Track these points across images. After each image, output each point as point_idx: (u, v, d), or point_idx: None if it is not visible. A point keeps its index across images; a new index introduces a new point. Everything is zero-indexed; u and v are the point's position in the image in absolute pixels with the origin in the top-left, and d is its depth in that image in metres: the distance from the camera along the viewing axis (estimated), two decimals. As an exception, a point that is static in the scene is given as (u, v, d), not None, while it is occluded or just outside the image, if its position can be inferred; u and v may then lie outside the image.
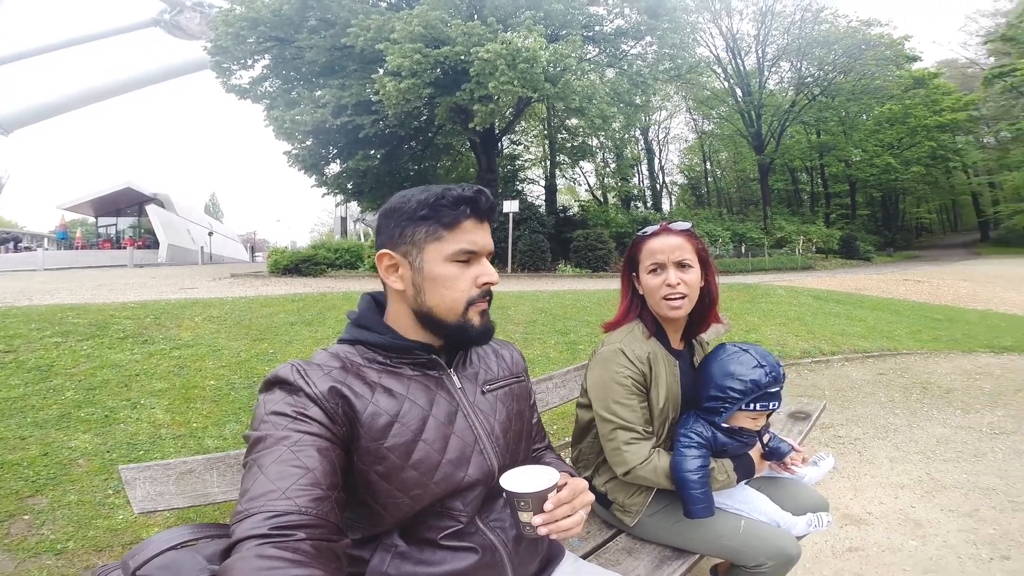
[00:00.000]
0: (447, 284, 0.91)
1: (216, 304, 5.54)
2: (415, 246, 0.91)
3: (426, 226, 0.90)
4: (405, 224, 0.91)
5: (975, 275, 14.86)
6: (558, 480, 0.85)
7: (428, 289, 0.91)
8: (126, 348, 3.85)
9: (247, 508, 0.67)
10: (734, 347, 1.38)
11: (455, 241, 0.90)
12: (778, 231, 25.04)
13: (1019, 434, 3.41)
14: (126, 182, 25.98)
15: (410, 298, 0.92)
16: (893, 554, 2.11)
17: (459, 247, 0.90)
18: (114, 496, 2.24)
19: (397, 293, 0.94)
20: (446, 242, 0.90)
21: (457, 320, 0.92)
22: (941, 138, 31.11)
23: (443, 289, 0.91)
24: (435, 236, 0.90)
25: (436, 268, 0.90)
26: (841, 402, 4.15)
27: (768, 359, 1.33)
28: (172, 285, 9.35)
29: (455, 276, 0.91)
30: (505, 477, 0.86)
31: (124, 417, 2.88)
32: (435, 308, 0.91)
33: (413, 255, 0.91)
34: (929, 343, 6.07)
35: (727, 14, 27.87)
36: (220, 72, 14.66)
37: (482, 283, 0.93)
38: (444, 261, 0.90)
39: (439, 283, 0.90)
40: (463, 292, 0.92)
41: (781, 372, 1.33)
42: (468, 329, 0.93)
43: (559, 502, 0.83)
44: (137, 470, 1.07)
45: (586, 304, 6.81)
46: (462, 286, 0.91)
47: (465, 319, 0.92)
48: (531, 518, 0.82)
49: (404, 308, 0.95)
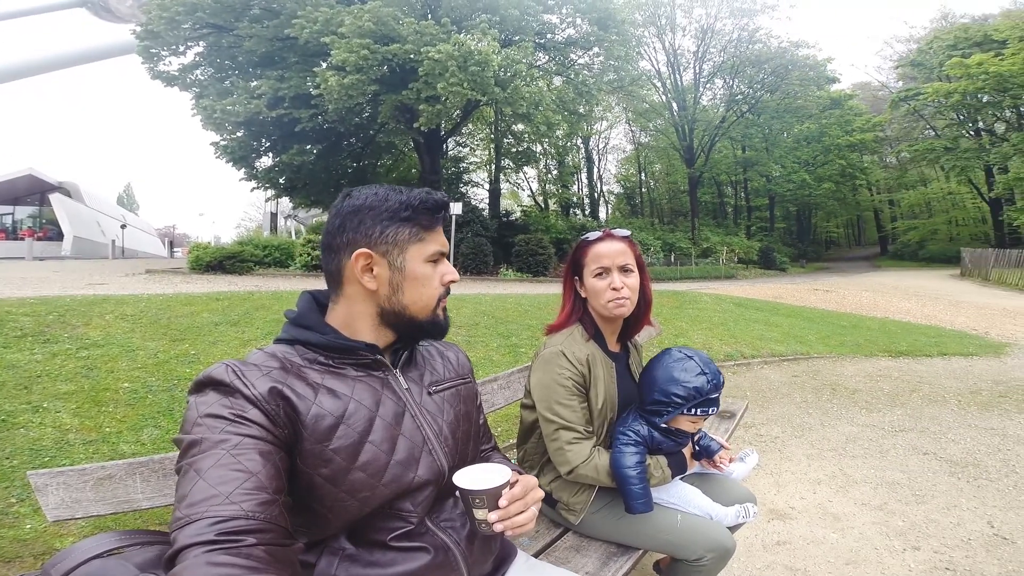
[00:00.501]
0: (424, 283, 0.95)
1: (130, 301, 5.11)
2: (397, 246, 0.92)
3: (409, 227, 0.93)
4: (386, 224, 0.91)
5: (875, 286, 16.36)
6: (511, 477, 0.86)
7: (407, 288, 0.94)
8: (24, 347, 3.47)
9: (188, 514, 0.63)
10: (680, 353, 1.43)
11: (432, 243, 0.96)
12: (704, 241, 26.45)
13: (916, 431, 3.77)
14: (28, 168, 23.54)
15: (383, 297, 0.93)
16: (817, 546, 2.27)
17: (435, 248, 0.96)
18: (18, 504, 2.04)
19: (362, 292, 0.93)
20: (426, 243, 0.95)
21: (429, 316, 0.97)
22: (851, 157, 33.98)
23: (421, 288, 0.95)
24: (417, 237, 0.94)
25: (417, 268, 0.94)
26: (761, 403, 4.43)
27: (711, 367, 1.40)
28: (78, 280, 8.53)
29: (431, 275, 0.96)
30: (458, 475, 0.86)
31: (24, 421, 2.61)
32: (410, 306, 0.94)
33: (394, 255, 0.92)
34: (836, 348, 6.60)
35: (671, 29, 29.29)
36: (147, 57, 13.75)
37: (447, 281, 0.99)
38: (423, 261, 0.95)
39: (419, 282, 0.94)
40: (436, 290, 0.97)
41: (721, 380, 1.40)
42: (438, 323, 0.98)
43: (513, 498, 0.84)
44: (48, 476, 0.99)
45: (527, 308, 6.88)
46: (435, 284, 0.97)
47: (435, 315, 0.98)
48: (486, 515, 0.82)
49: (366, 308, 0.94)
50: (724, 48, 29.11)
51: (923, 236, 34.57)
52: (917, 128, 32.70)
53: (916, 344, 6.94)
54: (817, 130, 32.98)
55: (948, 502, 2.67)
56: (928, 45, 29.59)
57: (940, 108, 28.27)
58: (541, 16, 15.00)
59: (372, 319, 0.94)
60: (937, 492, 2.79)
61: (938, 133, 30.84)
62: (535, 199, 34.02)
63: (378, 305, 0.93)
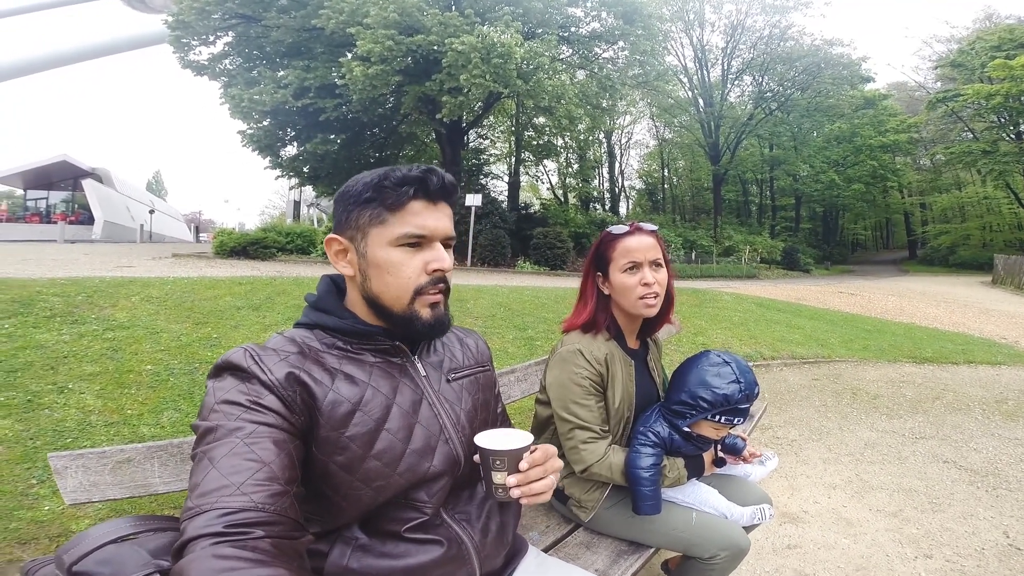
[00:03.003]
0: (391, 270, 0.86)
1: (156, 284, 5.23)
2: (359, 230, 0.87)
3: (370, 209, 0.86)
4: (351, 207, 0.88)
5: (902, 291, 15.91)
6: (531, 442, 0.84)
7: (373, 275, 0.87)
8: (53, 328, 3.57)
9: (198, 504, 0.63)
10: (718, 357, 1.37)
11: (400, 224, 0.85)
12: (727, 240, 25.99)
13: (937, 439, 3.68)
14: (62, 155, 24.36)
15: (359, 284, 0.89)
16: (828, 551, 2.24)
17: (404, 231, 0.85)
18: (39, 486, 2.08)
19: (349, 279, 0.91)
20: (389, 225, 0.86)
21: (403, 310, 0.88)
22: (883, 158, 32.90)
23: (387, 276, 0.86)
24: (379, 220, 0.86)
25: (379, 253, 0.86)
26: (780, 405, 4.36)
27: (747, 376, 1.33)
28: (107, 263, 8.76)
29: (400, 262, 0.86)
30: (480, 436, 0.85)
31: (49, 402, 2.67)
32: (381, 295, 0.88)
33: (358, 239, 0.87)
34: (859, 352, 6.45)
35: (699, 25, 28.63)
36: (179, 47, 14.00)
37: (432, 269, 0.88)
38: (387, 245, 0.86)
39: (383, 269, 0.86)
40: (409, 279, 0.87)
41: (756, 391, 1.33)
42: (414, 321, 0.88)
43: (533, 463, 0.83)
44: (68, 458, 0.99)
45: (544, 301, 6.86)
46: (408, 272, 0.86)
47: (411, 310, 0.88)
48: (504, 479, 0.81)
49: (355, 294, 0.92)
50: (754, 45, 28.34)
51: (955, 241, 33.51)
52: (954, 130, 31.56)
53: (942, 351, 6.74)
54: (849, 130, 31.94)
55: (965, 511, 2.62)
56: (970, 46, 28.51)
57: (980, 111, 27.18)
58: (565, 9, 14.85)
59: (365, 305, 0.91)
60: (955, 501, 2.73)
61: (976, 136, 29.74)
62: (555, 193, 33.82)
63: (359, 293, 0.91)
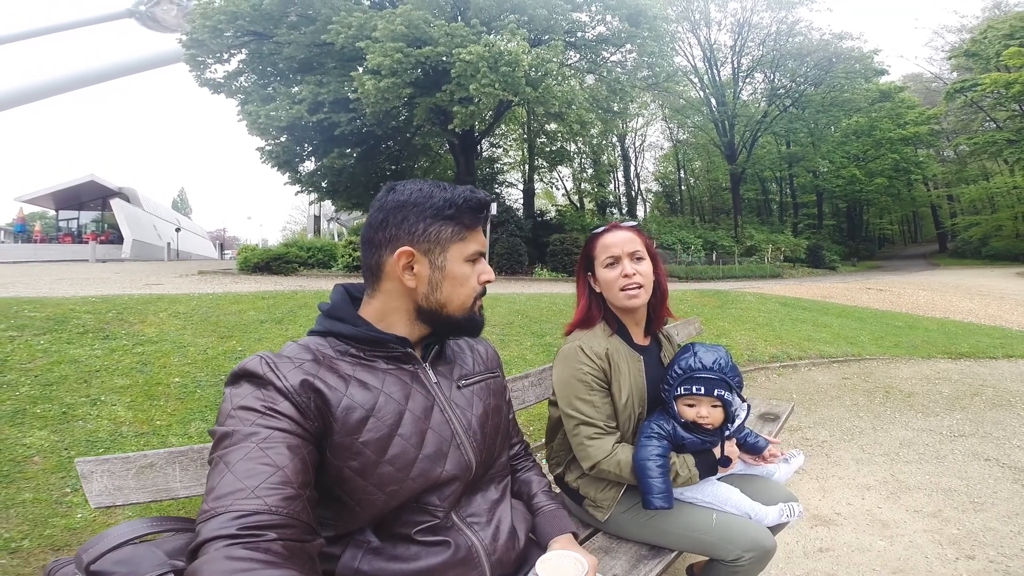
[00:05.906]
0: (463, 282, 0.96)
1: (183, 300, 5.36)
2: (439, 244, 0.93)
3: (452, 226, 0.93)
4: (429, 221, 0.92)
5: (933, 285, 15.45)
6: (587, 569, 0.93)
7: (446, 287, 0.94)
8: (86, 343, 3.68)
9: (213, 507, 0.65)
10: (692, 344, 1.43)
11: (473, 243, 0.96)
12: (748, 239, 25.65)
13: (977, 436, 3.54)
14: (90, 175, 25.08)
15: (420, 294, 0.93)
16: (862, 554, 2.16)
17: (475, 248, 0.96)
18: (72, 494, 2.14)
19: (400, 289, 0.93)
20: (468, 243, 0.95)
21: (466, 314, 0.97)
22: (904, 151, 32.31)
23: (459, 287, 0.95)
24: (460, 237, 0.94)
25: (456, 267, 0.94)
26: (809, 405, 4.26)
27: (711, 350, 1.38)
28: (136, 281, 9.01)
29: (468, 275, 0.96)
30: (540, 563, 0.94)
31: (83, 414, 2.76)
32: (448, 304, 0.95)
33: (436, 253, 0.93)
34: (891, 349, 6.28)
35: (706, 24, 28.50)
36: (194, 65, 14.37)
37: (484, 280, 0.99)
38: (463, 261, 0.95)
39: (457, 281, 0.95)
40: (474, 289, 0.98)
41: (715, 362, 1.36)
42: (475, 320, 0.99)
43: None
44: (94, 463, 1.03)
45: (562, 307, 6.83)
46: (473, 283, 0.97)
47: (472, 312, 0.99)
48: None
49: (402, 303, 0.95)
50: (763, 42, 28.11)
51: (986, 232, 32.42)
52: (976, 120, 30.84)
53: (979, 345, 6.51)
54: (867, 124, 31.33)
55: (1010, 510, 2.51)
56: (983, 35, 27.94)
57: (1000, 99, 26.52)
58: (570, 14, 14.86)
59: (408, 314, 0.95)
60: (998, 500, 2.62)
61: (999, 125, 28.92)
62: (570, 198, 33.81)
63: (415, 302, 0.94)
